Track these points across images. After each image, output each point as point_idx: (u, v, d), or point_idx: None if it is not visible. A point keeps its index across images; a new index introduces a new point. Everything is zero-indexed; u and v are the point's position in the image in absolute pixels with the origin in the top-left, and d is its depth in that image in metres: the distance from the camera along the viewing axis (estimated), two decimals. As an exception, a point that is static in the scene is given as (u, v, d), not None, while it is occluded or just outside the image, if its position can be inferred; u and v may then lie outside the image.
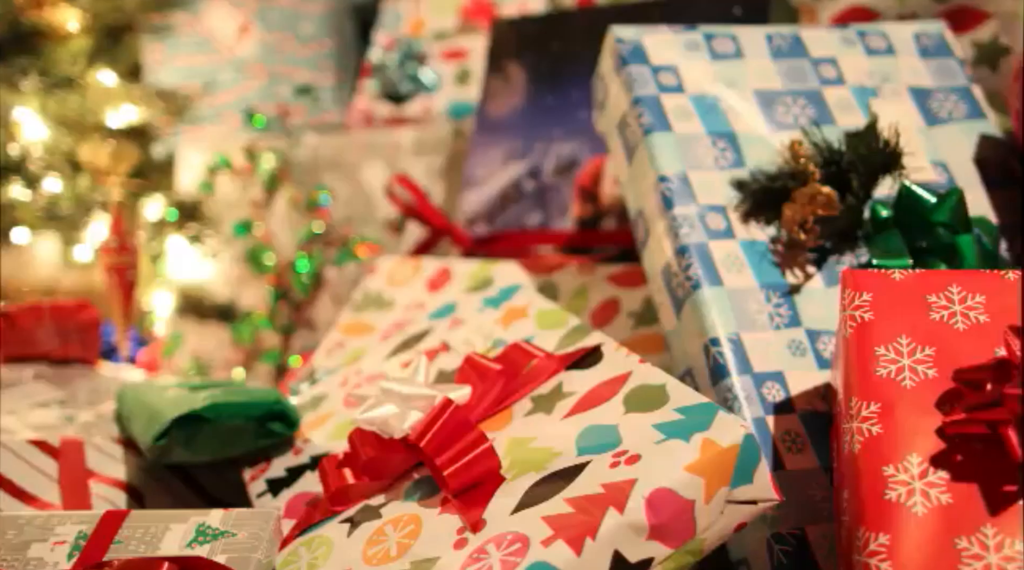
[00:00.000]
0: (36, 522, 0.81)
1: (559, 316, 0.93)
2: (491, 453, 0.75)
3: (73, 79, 1.47)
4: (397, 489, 0.81)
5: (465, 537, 0.71)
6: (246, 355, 1.58)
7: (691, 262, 0.89)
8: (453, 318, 1.03)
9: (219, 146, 1.64)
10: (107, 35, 1.54)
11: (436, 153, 1.51)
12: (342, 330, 1.23)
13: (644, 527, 0.66)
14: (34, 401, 1.15)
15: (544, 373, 0.84)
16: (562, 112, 1.28)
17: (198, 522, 0.79)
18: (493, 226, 1.30)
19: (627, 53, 1.00)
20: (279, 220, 1.58)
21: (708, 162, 0.95)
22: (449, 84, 1.62)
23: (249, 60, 1.77)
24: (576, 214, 1.24)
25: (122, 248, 1.43)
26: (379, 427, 0.81)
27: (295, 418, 0.96)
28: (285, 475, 0.93)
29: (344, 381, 1.03)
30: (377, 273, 1.27)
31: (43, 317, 1.24)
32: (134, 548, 0.78)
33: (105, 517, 0.81)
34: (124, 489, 0.98)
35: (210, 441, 0.94)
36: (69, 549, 0.78)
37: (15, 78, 1.44)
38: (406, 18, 1.70)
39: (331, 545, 0.78)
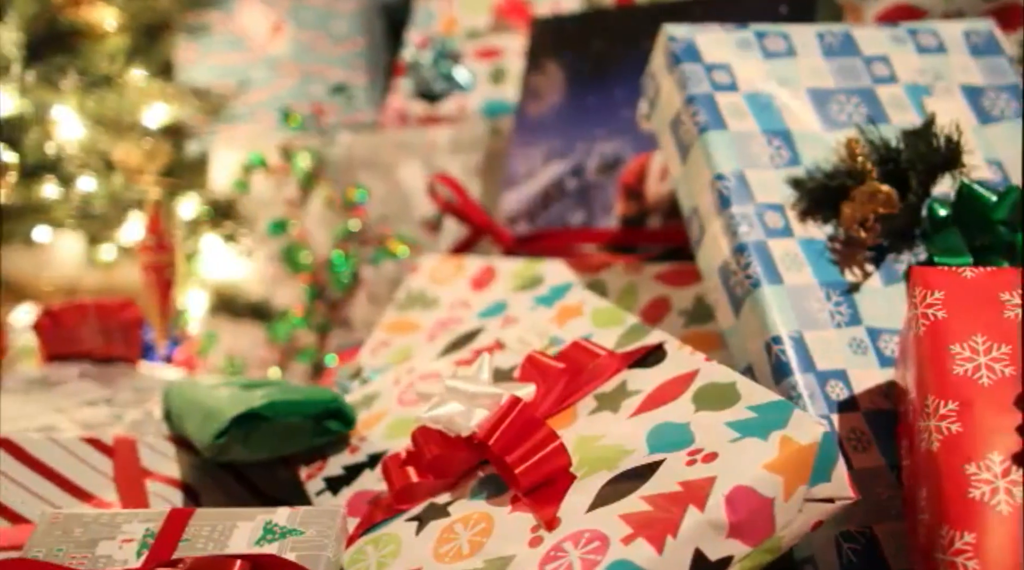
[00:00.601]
0: (102, 520, 0.81)
1: (615, 314, 0.93)
2: (562, 451, 0.75)
3: (111, 78, 1.47)
4: (462, 487, 0.81)
5: (540, 535, 0.71)
6: (281, 354, 1.59)
7: (750, 260, 0.89)
8: (505, 317, 1.03)
9: (253, 145, 1.64)
10: (144, 34, 1.54)
11: (472, 152, 1.51)
12: (386, 329, 1.23)
13: (724, 525, 0.66)
14: (82, 399, 1.15)
15: (607, 371, 0.84)
16: (605, 111, 1.28)
17: (265, 520, 0.80)
18: (535, 225, 1.30)
19: (680, 51, 1.00)
20: (314, 219, 1.58)
21: (764, 160, 0.95)
22: (483, 83, 1.62)
23: (282, 59, 1.77)
24: (620, 213, 1.24)
25: (160, 247, 1.43)
26: (444, 425, 0.81)
27: (352, 416, 0.96)
28: (343, 473, 0.93)
29: (396, 379, 1.03)
30: (419, 272, 1.27)
31: (87, 316, 1.25)
32: (202, 546, 0.78)
33: (171, 515, 0.81)
34: (180, 487, 0.98)
35: (267, 439, 0.94)
36: (137, 547, 0.78)
37: (53, 77, 1.44)
38: (439, 17, 1.70)
39: (399, 543, 0.78)
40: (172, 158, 1.62)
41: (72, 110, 1.46)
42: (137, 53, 1.53)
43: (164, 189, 1.51)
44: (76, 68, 1.46)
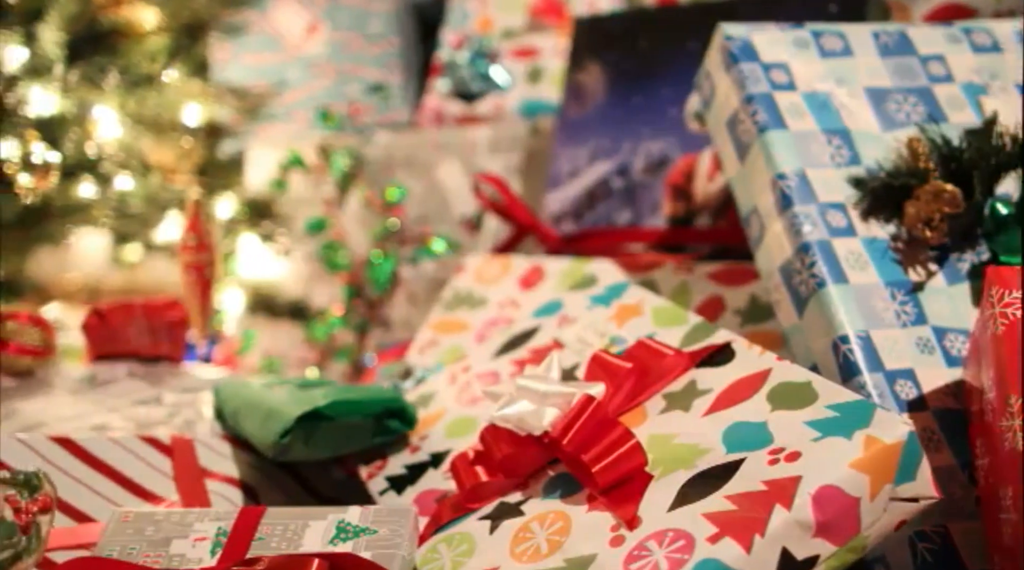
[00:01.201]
0: (173, 518, 0.82)
1: (677, 313, 0.93)
2: (638, 449, 0.75)
3: (153, 77, 1.47)
4: (534, 486, 0.81)
5: (621, 534, 0.71)
6: (319, 354, 1.59)
7: (815, 260, 0.89)
8: (561, 316, 1.03)
9: (288, 145, 1.64)
10: (183, 33, 1.55)
11: (512, 151, 1.51)
12: (434, 328, 1.23)
13: (811, 524, 0.66)
14: (133, 399, 1.15)
15: (675, 370, 0.84)
16: (651, 110, 1.28)
17: (337, 519, 0.80)
18: (580, 224, 1.30)
19: (737, 50, 1.00)
20: (352, 218, 1.58)
21: (824, 159, 0.95)
22: (520, 82, 1.62)
23: (317, 59, 1.77)
24: (668, 212, 1.24)
25: (200, 246, 1.42)
26: (515, 424, 0.81)
27: (413, 416, 0.96)
28: (405, 472, 0.93)
29: (452, 378, 1.03)
30: (465, 271, 1.27)
31: (135, 315, 1.25)
32: (276, 545, 0.78)
33: (242, 514, 0.81)
34: (239, 486, 0.98)
35: (329, 438, 0.94)
36: (211, 545, 0.78)
37: (95, 77, 1.44)
38: (474, 16, 1.70)
39: (473, 542, 0.78)
40: (208, 157, 1.62)
41: (113, 110, 1.46)
42: (177, 53, 1.53)
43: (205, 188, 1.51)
44: (117, 68, 1.46)
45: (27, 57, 1.41)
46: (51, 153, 1.40)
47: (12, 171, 1.39)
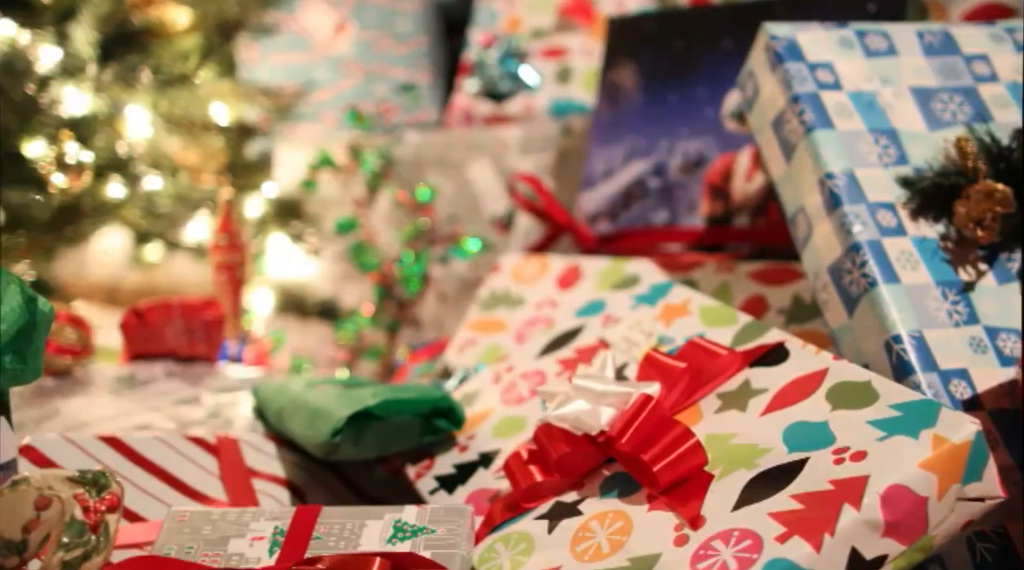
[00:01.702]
0: (229, 518, 0.82)
1: (726, 313, 0.93)
2: (698, 449, 0.75)
3: (187, 76, 1.47)
4: (589, 486, 0.81)
5: (685, 534, 0.71)
6: (349, 353, 1.59)
7: (866, 259, 0.89)
8: (605, 316, 1.03)
9: (317, 144, 1.64)
10: (215, 33, 1.54)
11: (544, 151, 1.51)
12: (472, 328, 1.23)
13: (879, 524, 0.66)
14: (173, 398, 1.15)
15: (728, 370, 0.84)
16: (687, 110, 1.28)
17: (394, 518, 0.80)
18: (616, 224, 1.30)
19: (782, 50, 1.00)
20: (382, 218, 1.58)
21: (872, 159, 0.95)
22: (550, 82, 1.61)
23: (345, 58, 1.77)
24: (706, 212, 1.24)
25: (232, 246, 1.43)
26: (571, 424, 0.81)
27: (461, 415, 0.96)
28: (455, 472, 0.93)
29: (496, 378, 1.03)
30: (502, 271, 1.27)
31: (172, 314, 1.25)
32: (334, 544, 0.78)
33: (298, 513, 0.81)
34: (285, 486, 0.98)
35: (377, 438, 0.94)
36: (269, 545, 0.78)
37: (127, 76, 1.45)
38: (502, 16, 1.70)
39: (531, 542, 0.78)
40: (237, 157, 1.62)
41: (145, 109, 1.46)
42: (209, 52, 1.53)
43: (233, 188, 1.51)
44: (148, 67, 1.46)
45: (60, 57, 1.41)
46: (84, 153, 1.40)
47: (46, 171, 1.39)
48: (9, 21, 1.41)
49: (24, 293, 0.78)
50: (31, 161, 1.46)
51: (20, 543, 0.66)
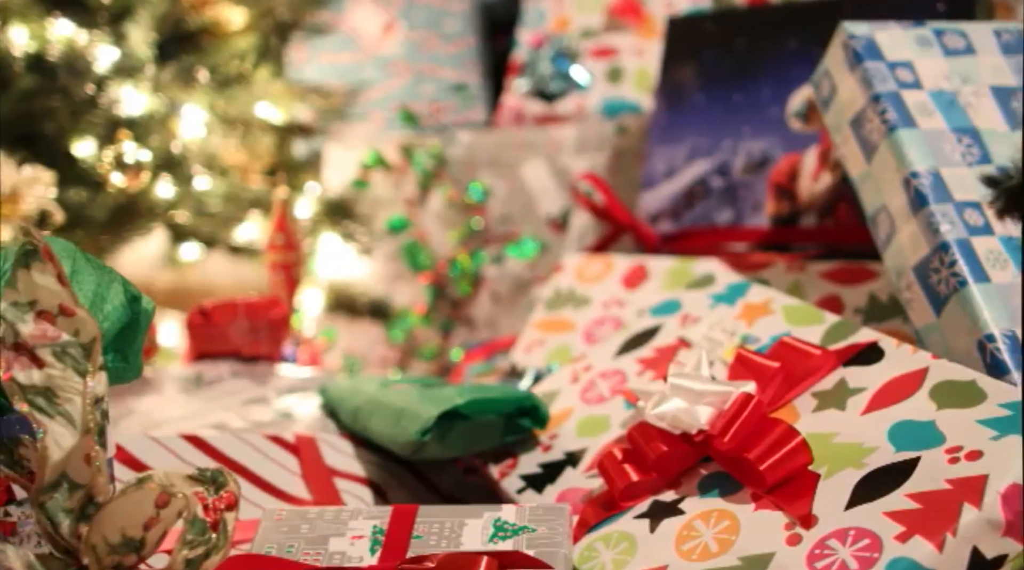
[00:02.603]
0: (326, 517, 0.82)
1: (811, 312, 0.93)
2: (804, 447, 0.75)
3: (244, 76, 1.48)
4: (687, 485, 0.81)
5: (797, 533, 0.71)
6: (401, 353, 1.59)
7: (955, 259, 0.89)
8: (682, 315, 1.03)
9: (366, 144, 1.64)
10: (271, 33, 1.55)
11: (599, 150, 1.51)
12: (539, 327, 1.23)
13: (1000, 523, 0.66)
14: (243, 398, 1.15)
15: (822, 369, 0.84)
16: (751, 109, 1.28)
17: (493, 517, 0.80)
18: (679, 223, 1.30)
19: (861, 49, 1.00)
20: (434, 217, 1.58)
21: (956, 158, 0.95)
22: (601, 82, 1.61)
23: (393, 58, 1.77)
24: (771, 211, 1.24)
25: (288, 245, 1.43)
26: (669, 423, 0.81)
27: (545, 414, 0.96)
28: (541, 471, 0.93)
29: (573, 377, 1.03)
30: (565, 271, 1.27)
31: (237, 314, 1.25)
32: (435, 543, 0.78)
33: (396, 512, 0.81)
34: (367, 485, 0.98)
35: (462, 437, 0.94)
36: (369, 543, 0.78)
37: (185, 76, 1.45)
38: (550, 16, 1.70)
39: (633, 541, 0.78)
40: (289, 157, 1.62)
41: (202, 109, 1.46)
42: (266, 53, 1.53)
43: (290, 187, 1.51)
44: (207, 67, 1.47)
45: (118, 57, 1.41)
46: (142, 152, 1.41)
47: (105, 171, 1.40)
48: (67, 21, 1.41)
49: (127, 291, 0.78)
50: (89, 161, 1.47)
51: (139, 541, 0.66)
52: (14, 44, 1.43)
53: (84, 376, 0.66)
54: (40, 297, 0.66)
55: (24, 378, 0.65)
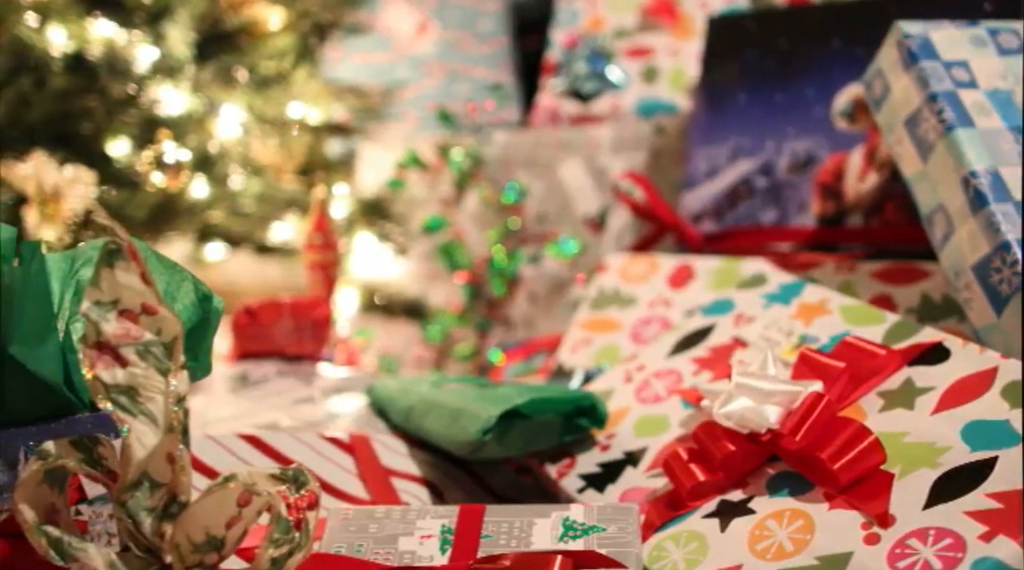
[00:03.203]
0: (393, 516, 0.82)
1: (870, 312, 0.93)
2: (877, 447, 0.75)
3: (285, 75, 1.48)
4: (753, 484, 0.81)
5: (875, 532, 0.70)
6: (437, 353, 1.59)
7: (1017, 258, 0.89)
8: (736, 315, 1.03)
9: (400, 144, 1.65)
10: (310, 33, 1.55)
11: (636, 150, 1.51)
12: (584, 327, 1.22)
13: (1084, 522, 0.66)
14: (292, 398, 1.15)
15: (887, 368, 0.84)
16: (795, 109, 1.28)
17: (562, 517, 0.79)
18: (722, 223, 1.30)
19: (916, 48, 1.00)
20: (470, 217, 1.58)
21: (1014, 158, 0.95)
22: (636, 82, 1.61)
23: (427, 58, 1.77)
24: (817, 211, 1.24)
25: (326, 245, 1.43)
26: (736, 422, 0.81)
27: (603, 413, 0.96)
28: (601, 471, 0.93)
29: (626, 377, 1.03)
30: (609, 270, 1.27)
31: (282, 313, 1.25)
32: (505, 543, 0.78)
33: (463, 512, 0.81)
34: (424, 485, 0.98)
35: (521, 436, 0.94)
36: (439, 543, 0.78)
37: (224, 76, 1.45)
38: (583, 16, 1.70)
39: (703, 540, 0.78)
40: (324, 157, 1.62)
41: (241, 109, 1.46)
42: (305, 53, 1.54)
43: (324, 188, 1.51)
44: (243, 67, 1.47)
45: (157, 56, 1.41)
46: (182, 151, 1.41)
47: (145, 170, 1.40)
48: (107, 21, 1.41)
49: (198, 290, 0.78)
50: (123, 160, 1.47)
51: (221, 540, 0.66)
52: (52, 44, 1.43)
53: (166, 375, 0.66)
54: (123, 296, 0.66)
55: (108, 377, 0.65)
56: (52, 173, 1.33)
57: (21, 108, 1.44)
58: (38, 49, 1.42)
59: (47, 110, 1.45)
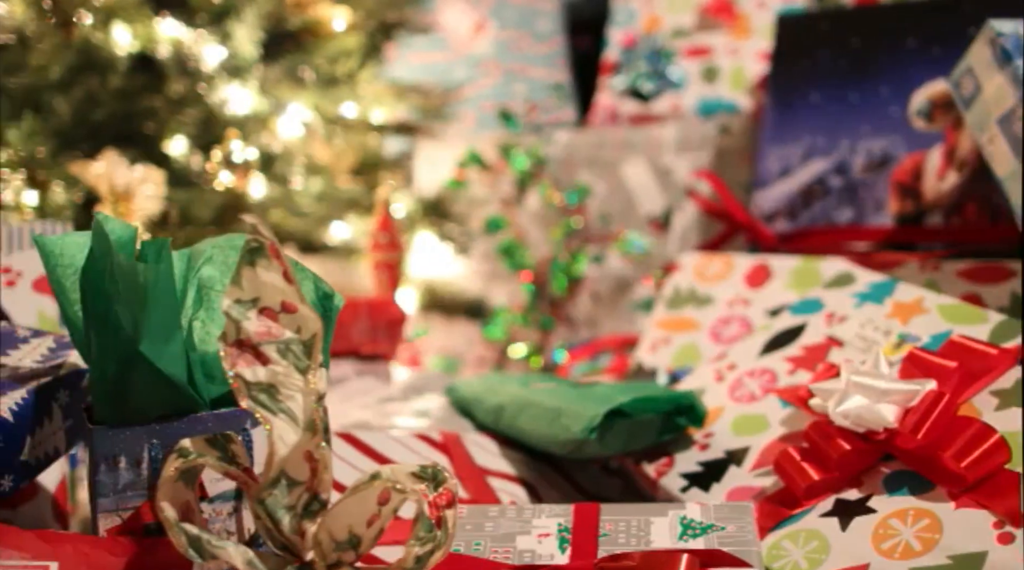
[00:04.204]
0: (508, 514, 0.82)
1: (971, 311, 0.92)
2: (1003, 445, 0.75)
3: (351, 75, 1.48)
4: (869, 483, 0.81)
5: (1008, 531, 0.70)
6: (498, 352, 1.59)
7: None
8: (826, 314, 1.02)
9: (458, 144, 1.64)
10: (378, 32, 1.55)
11: (700, 150, 1.51)
12: (662, 326, 1.22)
13: None
14: (376, 397, 1.15)
15: (999, 367, 0.84)
16: (870, 108, 1.28)
17: (679, 515, 0.79)
18: (796, 222, 1.30)
19: (1010, 46, 1.00)
20: (532, 217, 1.57)
21: (1112, 155, 0.94)
22: (695, 81, 1.61)
23: (484, 58, 1.77)
24: (895, 210, 1.24)
25: (392, 244, 1.43)
26: (853, 421, 0.81)
27: (702, 412, 0.96)
28: (703, 470, 0.93)
29: (717, 376, 1.03)
30: (683, 270, 1.27)
31: (359, 313, 1.25)
32: (624, 541, 0.77)
33: (578, 510, 0.81)
34: (519, 483, 0.98)
35: (620, 435, 0.94)
36: (557, 541, 0.78)
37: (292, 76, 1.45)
38: (640, 15, 1.70)
39: (824, 539, 0.78)
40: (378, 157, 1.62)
41: (308, 109, 1.46)
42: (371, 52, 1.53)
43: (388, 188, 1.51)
44: (308, 66, 1.47)
45: (224, 56, 1.41)
46: (249, 150, 1.41)
47: (213, 170, 1.40)
48: (174, 20, 1.41)
49: (319, 289, 0.78)
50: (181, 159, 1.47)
51: (359, 538, 0.66)
52: (117, 44, 1.43)
53: (305, 373, 0.66)
54: (263, 294, 0.66)
55: (250, 375, 0.65)
56: (124, 172, 1.33)
57: (87, 107, 1.44)
58: (104, 49, 1.42)
59: (111, 109, 1.45)
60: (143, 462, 0.75)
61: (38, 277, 1.05)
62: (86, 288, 0.74)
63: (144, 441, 0.74)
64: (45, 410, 0.81)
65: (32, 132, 1.41)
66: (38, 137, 1.41)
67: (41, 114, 1.41)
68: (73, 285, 0.77)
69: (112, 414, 0.74)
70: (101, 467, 0.74)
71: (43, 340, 0.88)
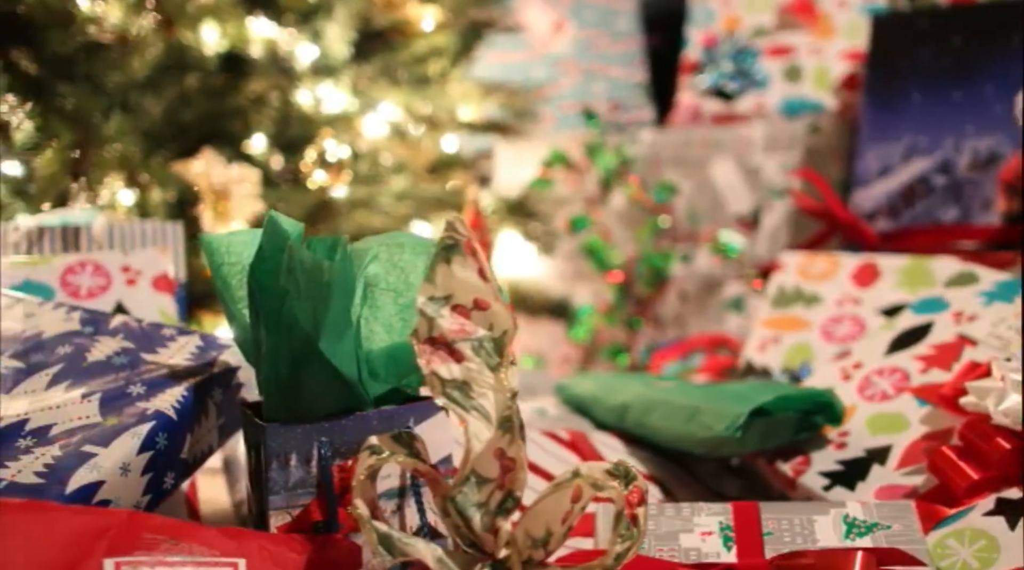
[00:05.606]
0: (667, 513, 0.81)
1: (1104, 309, 0.92)
2: None
3: (443, 74, 1.48)
4: (1029, 482, 0.81)
5: None
6: (584, 351, 1.58)
7: None
8: (954, 312, 1.02)
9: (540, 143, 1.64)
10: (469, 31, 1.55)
11: (789, 149, 1.51)
12: (769, 325, 1.22)
13: None
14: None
15: None
16: (974, 107, 1.27)
17: (842, 514, 0.79)
18: (898, 221, 1.30)
19: None
20: (617, 216, 1.57)
21: None
22: (778, 81, 1.61)
23: (563, 57, 1.77)
24: (1002, 209, 1.23)
25: (481, 243, 1.42)
26: (1015, 420, 0.80)
27: (840, 411, 0.96)
28: (844, 469, 0.92)
29: (843, 375, 1.03)
30: (786, 269, 1.27)
31: (465, 311, 1.25)
32: (790, 539, 0.77)
33: (737, 508, 0.81)
34: (652, 481, 0.98)
35: (758, 433, 0.94)
36: (721, 539, 0.78)
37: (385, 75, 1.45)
38: (719, 15, 1.70)
39: (992, 539, 0.77)
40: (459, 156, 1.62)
41: (399, 108, 1.46)
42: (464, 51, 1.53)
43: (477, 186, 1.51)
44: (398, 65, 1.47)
45: (317, 55, 1.41)
46: (343, 149, 1.41)
47: (307, 170, 1.40)
48: (266, 20, 1.41)
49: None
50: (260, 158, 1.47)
51: (551, 535, 0.66)
52: (206, 43, 1.43)
53: (496, 370, 0.66)
54: (456, 291, 0.66)
55: (445, 372, 0.65)
56: (221, 171, 1.33)
57: (177, 106, 1.44)
58: (194, 48, 1.42)
59: (200, 109, 1.45)
60: (312, 460, 0.75)
61: (157, 275, 1.05)
62: (255, 285, 0.74)
63: (314, 439, 0.74)
64: (202, 408, 0.81)
65: (122, 131, 1.41)
66: (127, 137, 1.42)
67: (130, 113, 1.42)
68: (239, 283, 0.77)
69: (283, 412, 0.74)
70: (273, 465, 0.74)
71: (190, 338, 0.88)
